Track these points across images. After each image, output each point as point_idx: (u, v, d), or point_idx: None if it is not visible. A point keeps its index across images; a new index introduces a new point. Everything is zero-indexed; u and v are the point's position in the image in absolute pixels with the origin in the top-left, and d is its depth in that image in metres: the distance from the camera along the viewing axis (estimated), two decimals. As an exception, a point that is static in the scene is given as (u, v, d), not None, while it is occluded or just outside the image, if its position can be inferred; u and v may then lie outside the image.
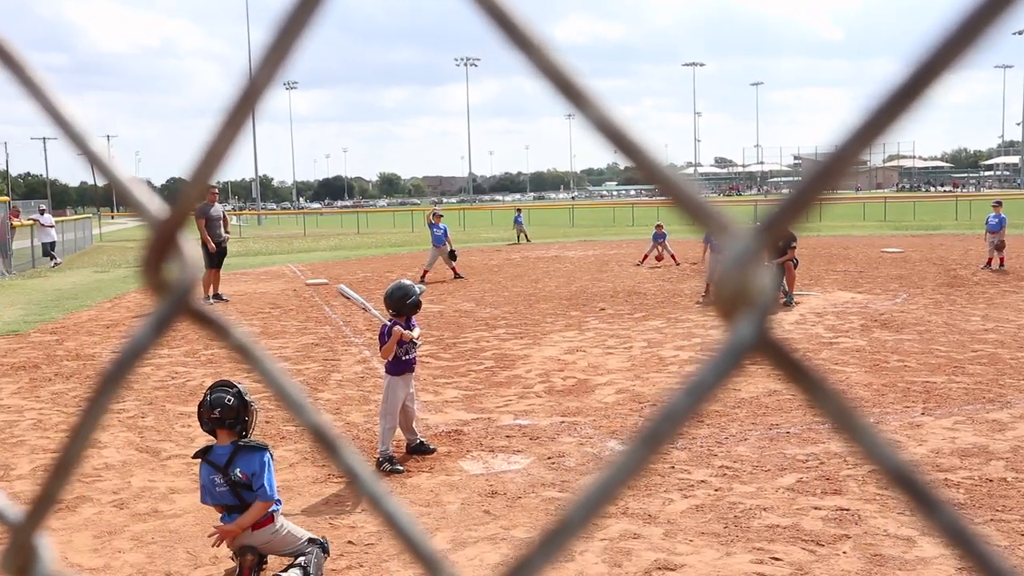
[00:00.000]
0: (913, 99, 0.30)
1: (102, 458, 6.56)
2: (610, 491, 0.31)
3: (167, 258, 0.39)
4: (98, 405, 0.40)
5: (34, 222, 26.27)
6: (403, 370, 6.40)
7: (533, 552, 0.32)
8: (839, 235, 30.84)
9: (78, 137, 0.40)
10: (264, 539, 4.48)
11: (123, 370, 0.39)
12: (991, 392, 7.78)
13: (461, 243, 27.32)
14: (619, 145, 0.31)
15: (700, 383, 0.30)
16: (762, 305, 0.30)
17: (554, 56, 0.31)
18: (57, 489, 0.45)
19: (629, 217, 46.44)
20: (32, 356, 10.74)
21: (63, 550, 4.91)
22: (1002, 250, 17.87)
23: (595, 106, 0.31)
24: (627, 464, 0.30)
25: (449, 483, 5.87)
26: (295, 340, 11.58)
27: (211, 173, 0.37)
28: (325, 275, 20.32)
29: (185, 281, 0.39)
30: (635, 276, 18.71)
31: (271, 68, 0.33)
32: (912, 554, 4.49)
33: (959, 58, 0.30)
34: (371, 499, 0.38)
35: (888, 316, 12.19)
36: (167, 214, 0.39)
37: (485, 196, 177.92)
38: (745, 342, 0.30)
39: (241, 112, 0.35)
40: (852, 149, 0.29)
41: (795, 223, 0.30)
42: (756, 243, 0.29)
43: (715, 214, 0.31)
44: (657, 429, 0.30)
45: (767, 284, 0.30)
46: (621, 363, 9.56)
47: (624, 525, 5.01)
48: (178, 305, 0.39)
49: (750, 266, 0.29)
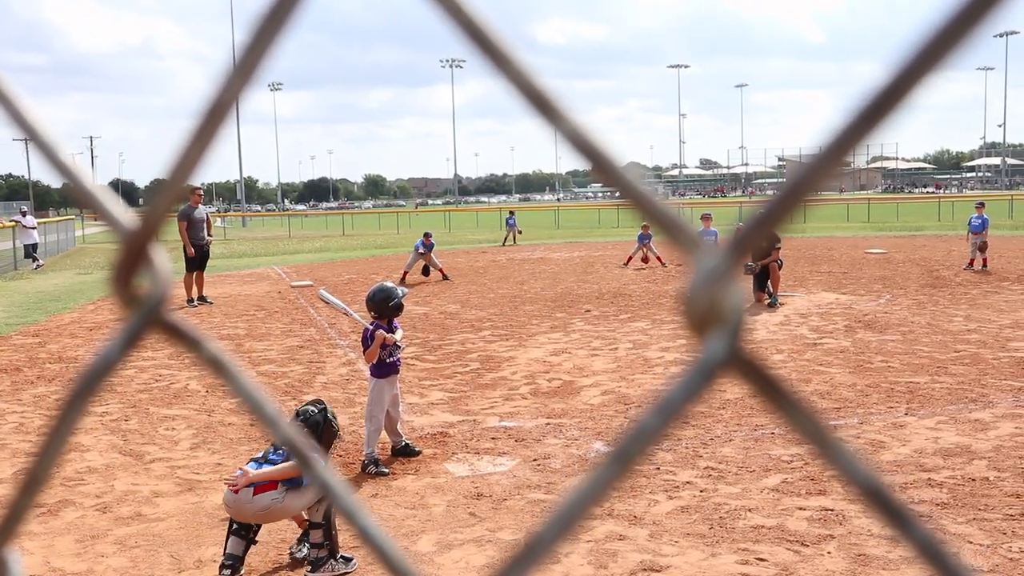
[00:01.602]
0: (894, 103, 0.30)
1: (85, 462, 6.52)
2: (582, 510, 0.31)
3: (138, 270, 0.39)
4: (67, 421, 0.40)
5: (16, 223, 26.07)
6: (388, 372, 6.39)
7: (504, 570, 0.32)
8: (823, 236, 31.00)
9: (46, 147, 0.39)
10: (265, 503, 4.51)
11: (92, 385, 0.39)
12: (973, 392, 7.83)
13: (447, 245, 27.29)
14: (592, 160, 0.31)
15: (670, 401, 0.30)
16: (734, 322, 0.29)
17: (526, 68, 0.31)
18: (26, 505, 0.44)
19: (614, 219, 46.51)
20: (14, 359, 10.65)
21: (45, 555, 4.87)
22: (984, 251, 18.00)
23: (567, 119, 0.30)
24: (598, 483, 0.30)
25: (435, 485, 5.86)
26: (280, 342, 11.53)
27: (182, 182, 0.37)
28: (310, 277, 20.26)
29: (156, 294, 0.39)
30: (620, 278, 18.74)
31: (241, 79, 0.33)
32: (896, 553, 4.52)
33: (941, 61, 0.30)
34: (345, 513, 0.38)
35: (872, 317, 12.26)
36: (137, 225, 0.39)
37: (471, 197, 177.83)
38: (716, 359, 0.30)
39: (210, 126, 0.34)
40: (820, 165, 0.28)
41: (766, 236, 0.29)
42: (727, 260, 0.29)
43: (686, 229, 0.31)
44: (628, 448, 0.30)
45: (739, 301, 0.29)
46: (607, 364, 9.58)
47: (610, 526, 5.02)
48: (149, 318, 0.39)
49: (721, 283, 0.29)
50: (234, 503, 4.51)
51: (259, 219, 74.94)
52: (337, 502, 0.39)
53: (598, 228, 42.44)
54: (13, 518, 0.45)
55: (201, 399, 8.39)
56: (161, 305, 0.39)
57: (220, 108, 0.34)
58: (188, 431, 7.31)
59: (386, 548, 0.37)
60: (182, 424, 7.54)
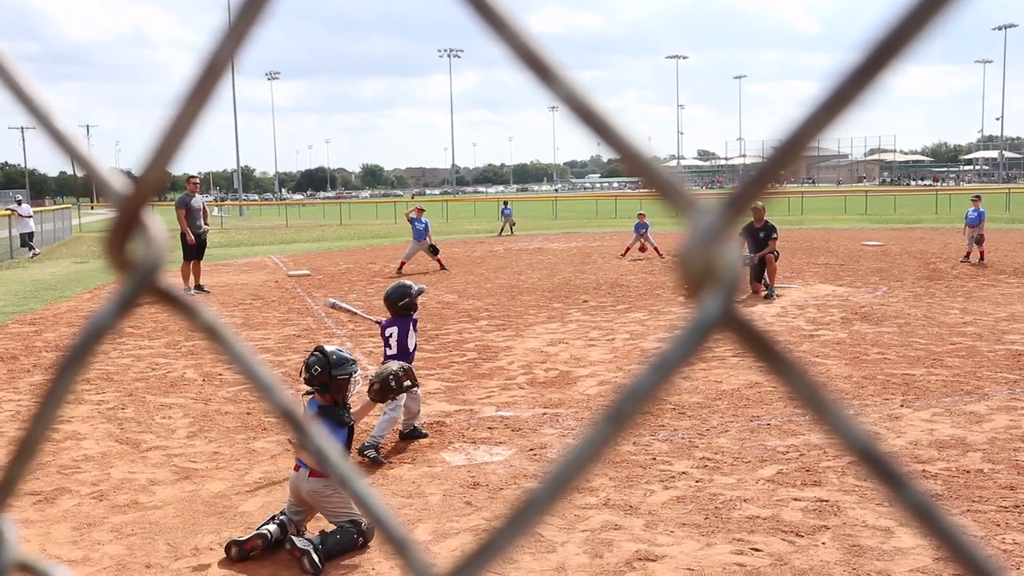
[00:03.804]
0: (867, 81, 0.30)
1: (81, 450, 6.52)
2: (577, 469, 0.31)
3: (131, 236, 0.39)
4: (60, 386, 0.40)
5: (12, 212, 26.01)
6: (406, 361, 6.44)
7: (500, 530, 0.32)
8: (820, 228, 31.01)
9: (41, 114, 0.39)
10: (316, 487, 4.69)
11: (85, 350, 0.39)
12: (969, 384, 7.85)
13: (444, 235, 27.28)
14: (588, 121, 0.30)
15: (666, 360, 0.29)
16: (728, 281, 0.29)
17: (522, 31, 0.31)
18: (20, 472, 0.44)
19: (612, 209, 46.51)
20: (10, 347, 10.64)
21: (42, 542, 4.88)
22: (981, 244, 18.02)
23: (563, 82, 0.30)
24: (593, 442, 0.30)
25: (431, 474, 5.86)
26: (277, 331, 11.53)
27: (175, 150, 0.37)
28: (307, 266, 20.25)
29: (150, 260, 0.39)
30: (618, 268, 18.75)
31: (233, 43, 0.33)
32: (890, 544, 4.53)
33: (910, 43, 0.29)
34: (341, 480, 0.38)
35: (868, 309, 12.28)
36: (131, 190, 0.39)
37: (468, 188, 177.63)
38: (711, 319, 0.29)
39: (203, 88, 0.34)
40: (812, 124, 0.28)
41: (759, 196, 0.29)
42: (722, 218, 0.29)
43: (680, 190, 0.30)
44: (623, 407, 0.30)
45: (734, 260, 0.29)
46: (603, 355, 9.58)
47: (605, 516, 5.03)
48: (143, 284, 0.39)
49: (716, 242, 0.29)
50: (295, 480, 4.76)
51: (256, 208, 74.82)
52: (332, 469, 0.39)
53: (596, 219, 42.44)
54: (7, 486, 0.45)
55: (198, 388, 8.39)
56: (155, 271, 0.39)
57: (216, 66, 0.33)
58: (185, 419, 7.31)
59: (381, 514, 0.37)
60: (179, 412, 7.54)
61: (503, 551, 0.33)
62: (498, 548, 0.32)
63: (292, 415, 0.39)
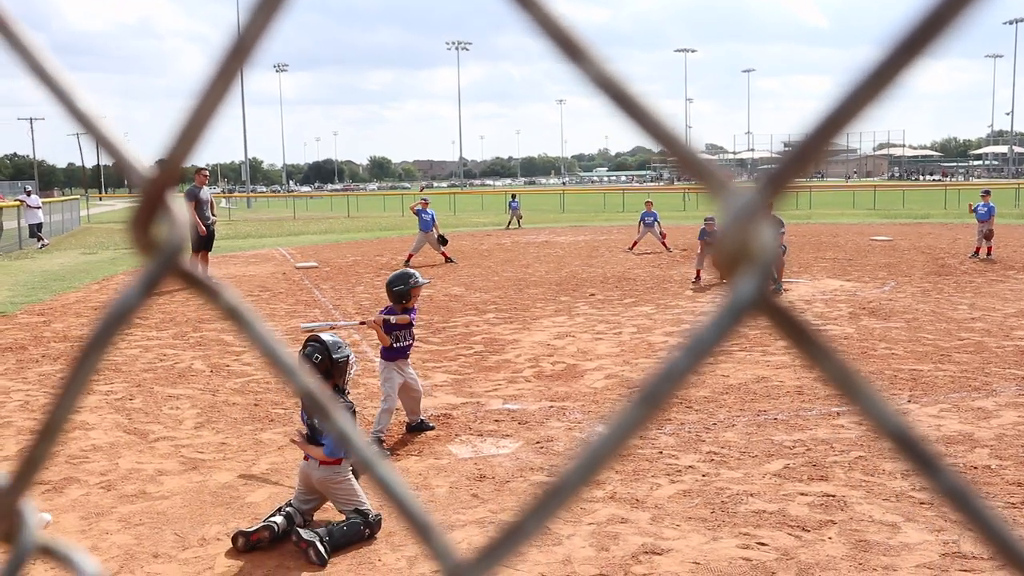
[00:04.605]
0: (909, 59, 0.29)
1: (89, 440, 6.54)
2: (608, 452, 0.31)
3: (155, 217, 0.39)
4: (86, 365, 0.40)
5: (21, 203, 26.08)
6: (395, 356, 6.45)
7: (529, 513, 0.32)
8: (828, 223, 30.92)
9: (64, 94, 0.39)
10: (326, 475, 4.82)
11: (111, 330, 0.39)
12: (977, 380, 7.82)
13: (451, 228, 27.28)
14: (619, 102, 0.30)
15: (701, 341, 0.29)
16: (764, 262, 0.29)
17: (553, 10, 0.30)
18: (43, 453, 0.44)
19: (620, 203, 46.43)
20: (19, 337, 10.68)
21: (50, 531, 4.90)
22: (990, 239, 17.95)
23: (594, 63, 0.30)
24: (625, 424, 0.30)
25: (438, 467, 5.87)
26: (284, 323, 11.55)
27: (200, 132, 0.36)
28: (315, 258, 20.27)
29: (174, 240, 0.39)
30: (625, 262, 18.72)
31: (265, 17, 0.32)
32: (896, 539, 4.53)
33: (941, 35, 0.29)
34: (364, 463, 0.38)
35: (876, 304, 12.24)
36: (155, 173, 0.38)
37: (476, 181, 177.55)
38: (746, 300, 0.29)
39: (231, 67, 0.34)
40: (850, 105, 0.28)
41: (797, 176, 0.29)
42: (758, 198, 0.29)
43: (713, 171, 0.30)
44: (657, 387, 0.29)
45: (769, 241, 0.29)
46: (610, 348, 9.58)
47: (612, 510, 5.03)
48: (167, 265, 0.38)
49: (752, 222, 0.29)
50: (305, 468, 4.88)
51: (264, 200, 74.91)
52: (355, 452, 0.38)
53: (603, 212, 42.37)
54: (30, 468, 0.45)
55: (205, 379, 8.41)
56: (179, 252, 0.39)
57: (244, 45, 0.33)
58: (192, 410, 7.34)
59: (404, 498, 0.37)
60: (186, 403, 7.56)
61: (531, 535, 0.33)
62: (527, 532, 0.32)
63: (316, 397, 0.39)
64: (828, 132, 0.27)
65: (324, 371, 5.08)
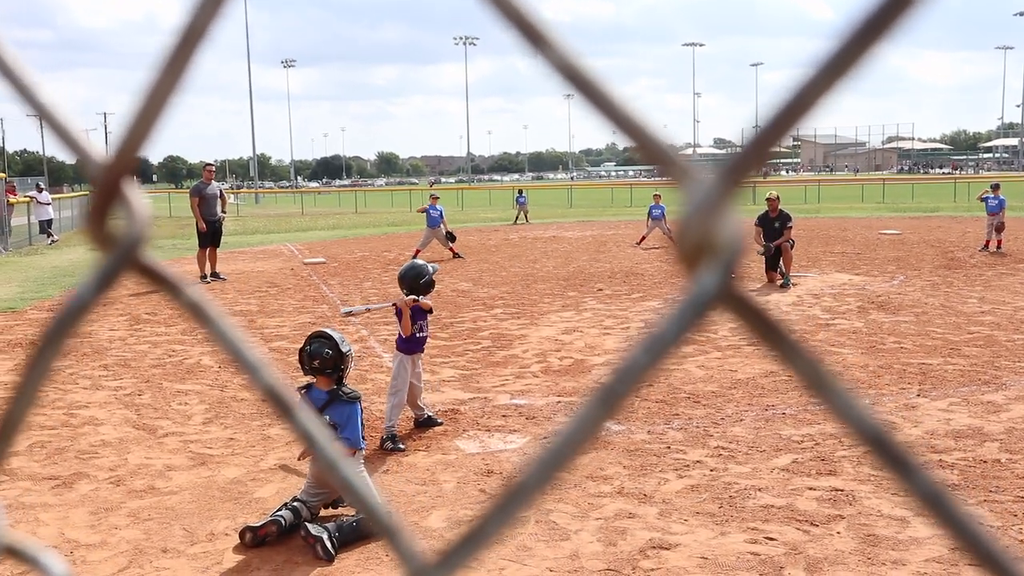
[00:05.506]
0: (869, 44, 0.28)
1: (99, 435, 6.56)
2: (566, 453, 0.30)
3: (112, 209, 0.38)
4: (41, 363, 0.39)
5: (31, 199, 26.18)
6: (414, 349, 6.43)
7: (488, 517, 0.31)
8: (837, 217, 30.81)
9: (20, 82, 0.38)
10: None
11: (65, 326, 0.38)
12: (986, 374, 7.78)
13: (459, 223, 27.27)
14: (579, 87, 0.29)
15: (660, 338, 0.28)
16: (727, 255, 0.28)
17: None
18: (1, 451, 0.43)
19: (627, 198, 46.35)
20: (28, 333, 10.73)
21: (60, 526, 4.92)
22: (1001, 232, 17.85)
23: (554, 47, 0.29)
24: (582, 424, 0.29)
25: (445, 462, 5.87)
26: (292, 319, 11.57)
27: (155, 120, 0.35)
28: (323, 254, 20.29)
29: (132, 234, 0.38)
30: (633, 257, 18.69)
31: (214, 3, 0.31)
32: (906, 534, 4.50)
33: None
34: (326, 464, 0.37)
35: (885, 298, 12.19)
36: (110, 162, 0.37)
37: (484, 176, 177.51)
38: (708, 294, 0.28)
39: (180, 57, 0.33)
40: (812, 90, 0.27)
41: (757, 166, 0.28)
42: (719, 188, 0.27)
43: (675, 158, 0.29)
44: (614, 387, 0.28)
45: (733, 233, 0.28)
46: (618, 343, 9.56)
47: (619, 504, 5.02)
48: (125, 259, 0.37)
49: (714, 213, 0.27)
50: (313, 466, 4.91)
51: (272, 196, 75.05)
52: (318, 452, 0.37)
53: (611, 207, 42.31)
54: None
55: (214, 374, 8.43)
56: (138, 246, 0.38)
57: (193, 34, 0.32)
58: (201, 406, 7.35)
59: (367, 499, 0.36)
60: (195, 399, 7.58)
61: (491, 538, 0.32)
62: (486, 535, 0.31)
63: (278, 396, 0.38)
64: (787, 121, 0.26)
65: (334, 364, 5.03)
